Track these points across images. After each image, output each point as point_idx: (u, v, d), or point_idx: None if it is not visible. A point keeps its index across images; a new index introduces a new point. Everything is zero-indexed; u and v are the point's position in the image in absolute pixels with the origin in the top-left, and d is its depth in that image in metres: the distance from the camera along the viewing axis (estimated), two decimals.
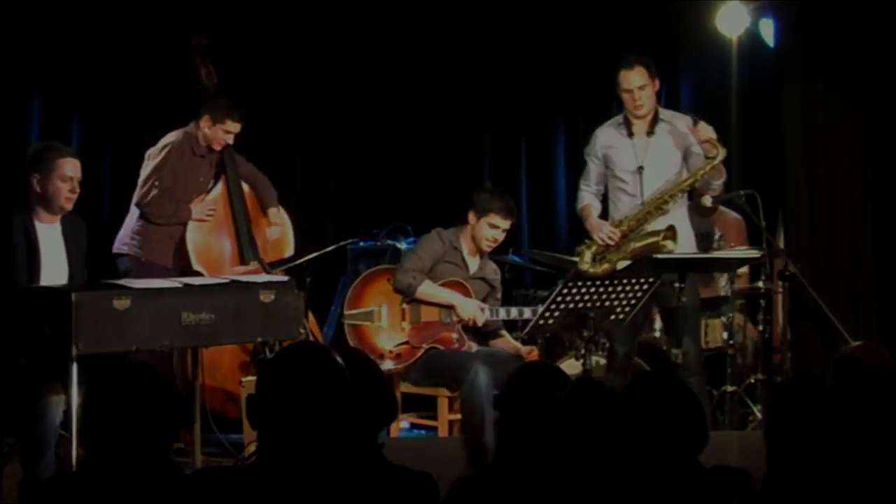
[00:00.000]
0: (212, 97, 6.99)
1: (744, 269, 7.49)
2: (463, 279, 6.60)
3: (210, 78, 7.10)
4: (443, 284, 6.56)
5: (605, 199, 6.75)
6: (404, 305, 6.55)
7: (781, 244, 7.51)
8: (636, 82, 6.56)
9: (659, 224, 6.45)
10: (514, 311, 6.63)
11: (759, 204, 6.80)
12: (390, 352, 6.50)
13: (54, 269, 5.58)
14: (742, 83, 8.11)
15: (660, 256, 6.25)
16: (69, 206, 5.67)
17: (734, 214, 7.67)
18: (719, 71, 8.15)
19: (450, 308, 6.54)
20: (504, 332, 6.73)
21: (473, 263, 6.67)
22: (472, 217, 6.59)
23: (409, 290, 6.50)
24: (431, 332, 6.53)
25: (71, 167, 5.66)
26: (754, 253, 6.78)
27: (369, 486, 3.03)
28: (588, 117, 8.77)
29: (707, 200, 6.75)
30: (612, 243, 6.53)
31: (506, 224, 6.56)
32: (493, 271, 6.78)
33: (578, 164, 8.79)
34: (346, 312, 6.57)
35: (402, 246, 7.65)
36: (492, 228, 6.54)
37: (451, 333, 6.53)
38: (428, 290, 6.52)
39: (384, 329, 6.55)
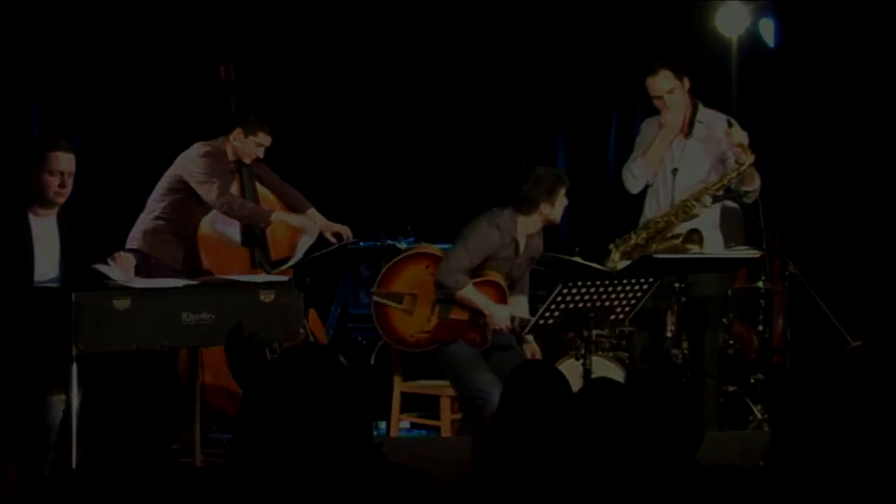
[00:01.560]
0: (239, 109, 7.00)
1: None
2: (508, 269, 6.44)
3: (228, 75, 7.11)
4: (480, 283, 6.38)
5: (641, 196, 6.69)
6: (437, 303, 6.40)
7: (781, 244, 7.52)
8: (663, 87, 6.43)
9: (685, 228, 6.44)
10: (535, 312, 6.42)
11: (759, 204, 6.80)
12: (411, 336, 6.40)
13: (48, 264, 5.50)
14: (742, 83, 8.11)
15: (659, 257, 6.24)
16: (59, 200, 5.49)
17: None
18: (719, 71, 8.16)
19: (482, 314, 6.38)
20: (530, 340, 6.60)
21: (522, 244, 6.50)
22: (545, 207, 6.33)
23: (450, 291, 6.32)
24: (457, 331, 6.38)
25: (63, 161, 5.47)
26: (754, 253, 6.78)
27: (368, 486, 3.03)
28: (588, 117, 8.82)
29: (707, 201, 6.75)
30: None
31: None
32: (537, 246, 6.60)
33: (578, 163, 8.84)
34: (375, 290, 6.42)
35: (403, 246, 7.64)
36: (563, 201, 6.42)
37: (476, 336, 6.40)
38: (468, 295, 6.31)
39: (410, 317, 6.41)
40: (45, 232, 5.53)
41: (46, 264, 5.50)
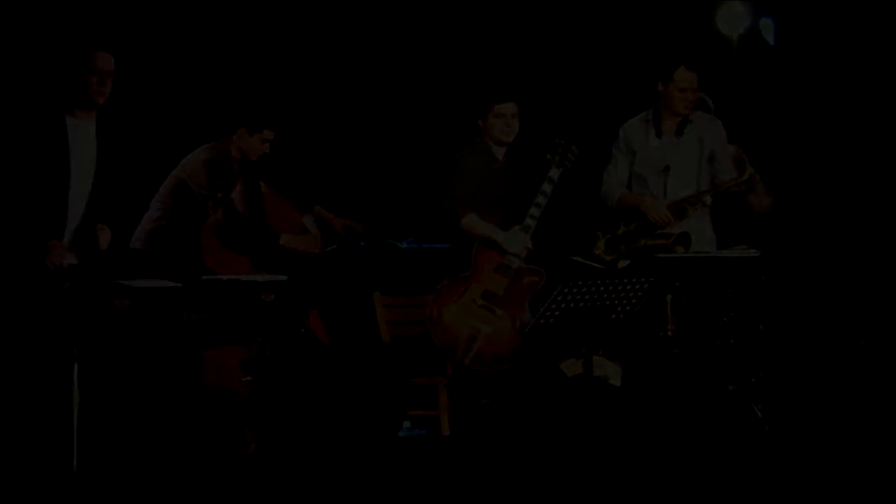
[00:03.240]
0: (242, 109, 7.02)
1: None
2: (505, 195, 6.49)
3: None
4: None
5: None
6: (481, 301, 6.37)
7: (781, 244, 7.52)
8: (695, 83, 6.63)
9: (676, 229, 6.51)
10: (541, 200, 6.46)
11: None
12: (509, 338, 6.33)
13: (84, 170, 5.54)
14: (742, 83, 8.13)
15: (661, 256, 6.27)
16: (99, 101, 5.56)
17: None
18: (719, 70, 8.17)
19: (496, 249, 6.40)
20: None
21: (498, 167, 6.58)
22: (481, 123, 6.49)
23: (454, 220, 6.40)
24: (519, 295, 6.42)
25: (102, 60, 5.55)
26: (754, 253, 6.80)
27: (378, 484, 3.04)
28: (589, 139, 8.82)
29: (707, 200, 6.78)
30: (665, 222, 6.51)
31: (509, 107, 6.47)
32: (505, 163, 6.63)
33: (579, 182, 8.84)
34: (462, 358, 6.25)
35: (403, 246, 7.65)
36: (500, 119, 6.47)
37: (528, 278, 6.43)
38: (471, 223, 6.39)
39: (492, 332, 6.35)
40: (82, 135, 5.55)
41: (82, 170, 5.53)
